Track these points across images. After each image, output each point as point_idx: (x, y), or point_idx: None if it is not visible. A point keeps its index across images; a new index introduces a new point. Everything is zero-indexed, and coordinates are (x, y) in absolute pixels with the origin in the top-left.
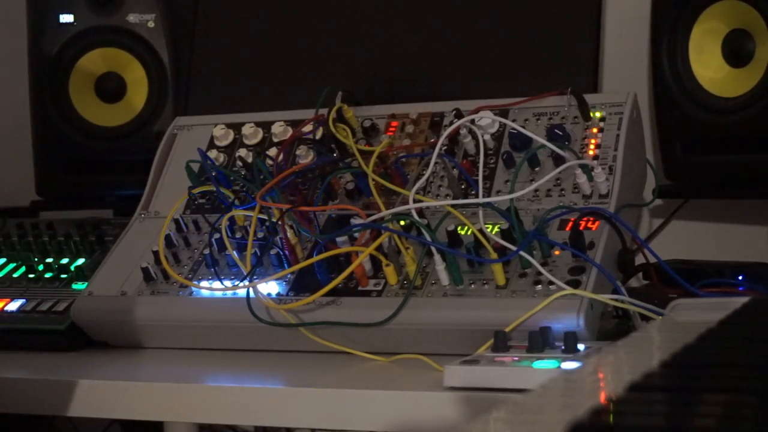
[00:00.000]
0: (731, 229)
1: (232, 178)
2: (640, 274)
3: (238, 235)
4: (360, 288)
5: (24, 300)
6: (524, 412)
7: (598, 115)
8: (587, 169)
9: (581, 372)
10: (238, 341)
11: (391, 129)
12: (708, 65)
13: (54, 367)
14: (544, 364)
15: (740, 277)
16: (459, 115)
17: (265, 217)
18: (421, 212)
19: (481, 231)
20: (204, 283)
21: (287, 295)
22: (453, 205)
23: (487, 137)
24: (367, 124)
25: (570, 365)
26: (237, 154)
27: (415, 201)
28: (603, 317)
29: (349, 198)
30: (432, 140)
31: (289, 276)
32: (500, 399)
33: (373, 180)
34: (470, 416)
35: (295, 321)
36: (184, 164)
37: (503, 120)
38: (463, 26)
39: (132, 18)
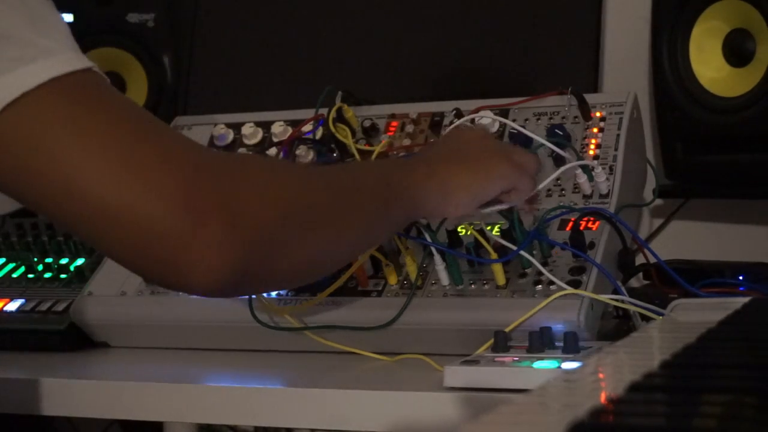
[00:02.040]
0: (731, 229)
1: None
2: (641, 274)
3: None
4: (360, 288)
5: (23, 300)
6: (524, 412)
7: (598, 114)
8: (587, 169)
9: (581, 372)
10: (238, 341)
11: (391, 129)
12: (708, 65)
13: (54, 367)
14: (544, 365)
15: (741, 277)
16: (459, 114)
17: None
18: None
19: (481, 231)
20: None
21: (287, 295)
22: None
23: None
24: (367, 124)
25: (570, 365)
26: None
27: None
28: (603, 317)
29: None
30: (432, 140)
31: None
32: (500, 399)
33: None
34: (470, 416)
35: (295, 322)
36: None
37: (503, 120)
38: (463, 26)
39: (132, 18)
